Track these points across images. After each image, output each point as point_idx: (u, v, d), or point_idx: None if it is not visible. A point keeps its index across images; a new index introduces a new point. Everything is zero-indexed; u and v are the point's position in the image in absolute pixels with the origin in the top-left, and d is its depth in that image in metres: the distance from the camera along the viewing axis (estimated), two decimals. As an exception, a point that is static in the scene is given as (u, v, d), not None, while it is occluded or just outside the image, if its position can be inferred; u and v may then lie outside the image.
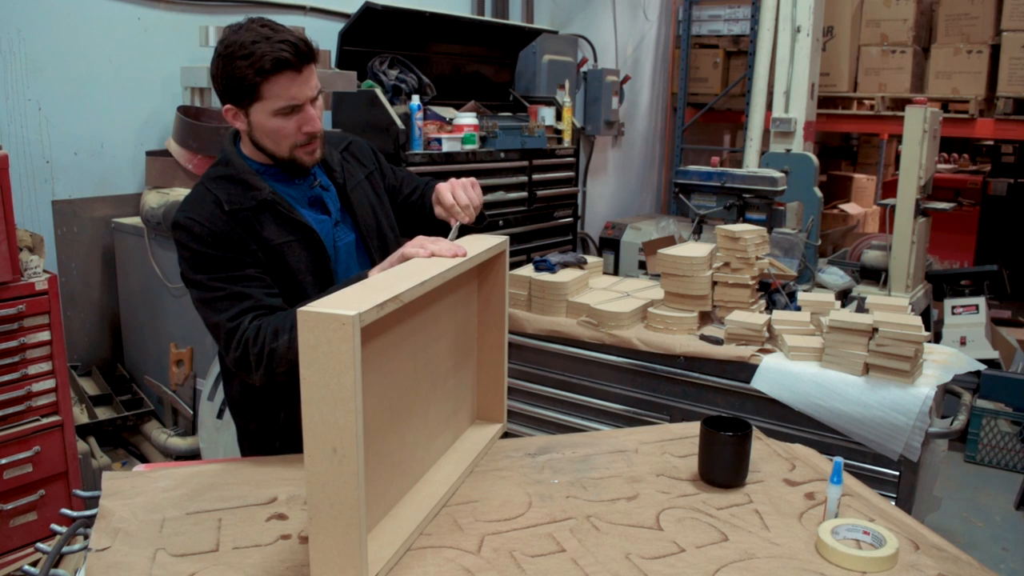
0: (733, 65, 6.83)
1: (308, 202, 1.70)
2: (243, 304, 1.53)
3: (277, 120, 1.55)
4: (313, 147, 1.63)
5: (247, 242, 1.57)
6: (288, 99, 1.53)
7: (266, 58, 1.48)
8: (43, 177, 3.22)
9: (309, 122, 1.57)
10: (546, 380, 2.85)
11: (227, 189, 1.59)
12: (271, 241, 1.59)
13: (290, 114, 1.56)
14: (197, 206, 1.58)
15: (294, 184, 1.69)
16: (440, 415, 1.53)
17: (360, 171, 1.83)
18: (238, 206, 1.57)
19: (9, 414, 2.57)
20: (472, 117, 3.95)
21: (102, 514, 1.36)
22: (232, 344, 1.51)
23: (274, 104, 1.54)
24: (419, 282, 1.23)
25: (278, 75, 1.50)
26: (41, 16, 3.13)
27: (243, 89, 1.52)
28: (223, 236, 1.55)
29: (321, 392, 1.07)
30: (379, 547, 1.23)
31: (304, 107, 1.56)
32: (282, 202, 1.62)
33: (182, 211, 1.58)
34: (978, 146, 9.54)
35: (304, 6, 3.99)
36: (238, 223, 1.57)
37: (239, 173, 1.61)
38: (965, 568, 1.26)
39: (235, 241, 1.56)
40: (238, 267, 1.55)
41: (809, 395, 2.30)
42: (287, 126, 1.56)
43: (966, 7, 5.66)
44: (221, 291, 1.53)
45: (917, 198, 4.24)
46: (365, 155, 1.88)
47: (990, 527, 3.48)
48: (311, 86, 1.56)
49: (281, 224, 1.61)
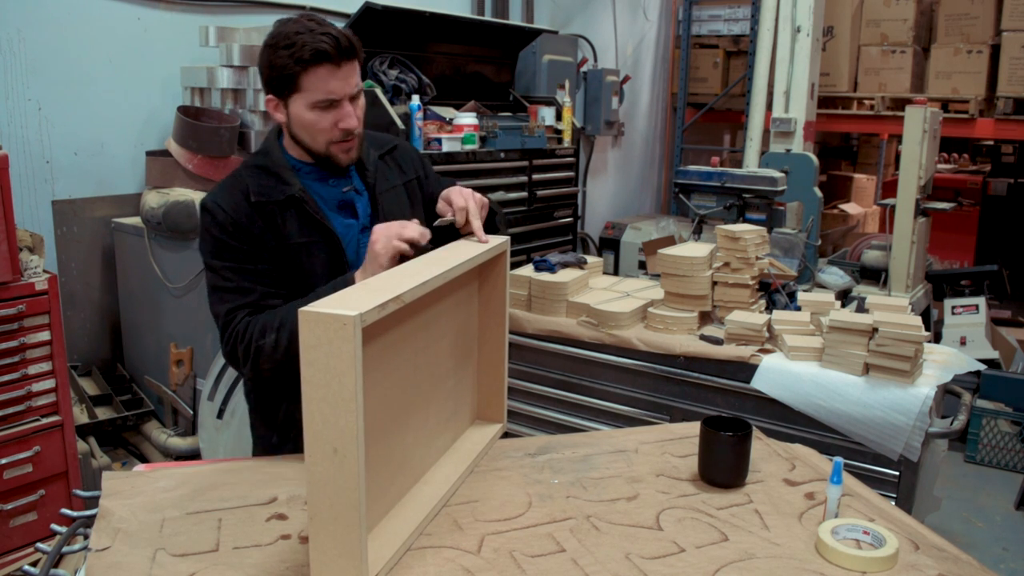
0: (733, 65, 6.83)
1: (338, 205, 1.70)
2: (245, 299, 1.56)
3: (314, 113, 1.56)
4: (349, 145, 1.63)
5: (266, 236, 1.58)
6: (326, 92, 1.54)
7: (306, 48, 1.49)
8: (43, 177, 3.22)
9: (346, 118, 1.57)
10: (546, 380, 2.85)
11: (259, 180, 1.61)
12: (291, 239, 1.60)
13: (327, 108, 1.56)
14: (226, 192, 1.60)
15: (328, 184, 1.69)
16: (440, 415, 1.53)
17: (398, 177, 1.79)
18: (265, 199, 1.59)
19: (9, 414, 2.57)
20: (472, 117, 3.95)
21: (102, 514, 1.36)
22: (225, 336, 1.56)
23: (312, 96, 1.54)
24: (420, 282, 1.23)
25: (317, 67, 1.51)
26: (41, 16, 3.13)
27: (283, 79, 1.54)
28: (243, 227, 1.57)
29: (322, 392, 1.07)
30: (379, 547, 1.23)
31: (342, 103, 1.57)
32: (309, 201, 1.62)
33: (211, 194, 1.62)
34: (978, 146, 9.54)
35: (304, 6, 3.99)
36: (262, 216, 1.58)
37: (274, 166, 1.63)
38: (965, 568, 1.26)
39: (254, 234, 1.58)
40: (251, 260, 1.58)
41: (809, 395, 2.30)
42: (324, 120, 1.57)
43: (966, 7, 5.66)
44: (229, 282, 1.57)
45: (917, 198, 4.24)
46: (410, 162, 1.84)
47: (990, 527, 3.48)
48: (350, 83, 1.56)
49: (305, 223, 1.62)
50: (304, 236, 1.61)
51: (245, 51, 3.26)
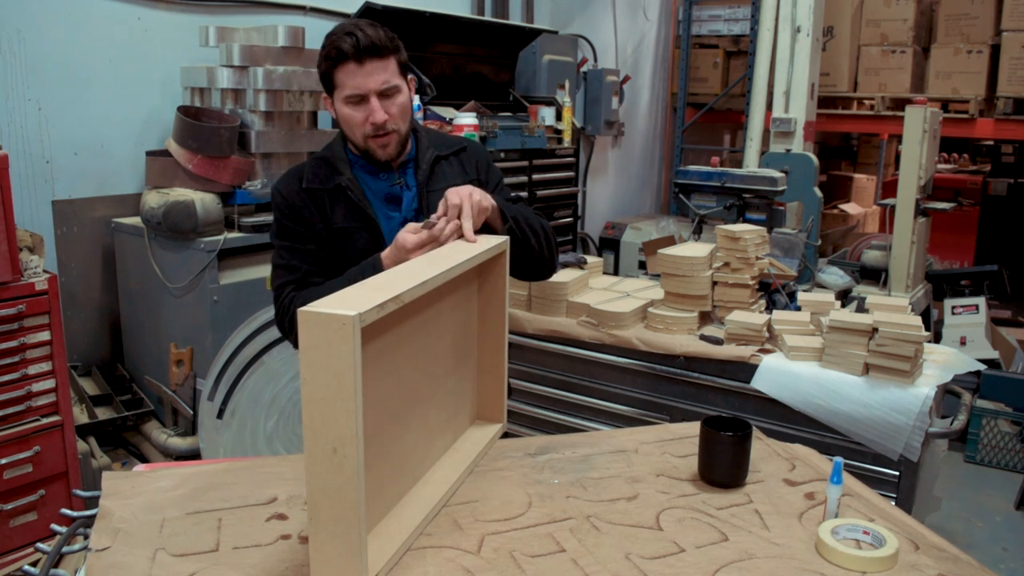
0: (733, 65, 6.83)
1: (385, 197, 1.79)
2: (292, 276, 1.74)
3: (348, 108, 1.68)
4: (384, 141, 1.71)
5: (315, 220, 1.74)
6: (352, 88, 1.65)
7: (332, 48, 1.63)
8: (43, 177, 3.22)
9: (372, 113, 1.66)
10: (546, 380, 2.85)
11: (316, 169, 1.77)
12: (336, 223, 1.74)
13: (358, 104, 1.67)
14: (287, 178, 1.79)
15: (378, 178, 1.79)
16: (440, 415, 1.53)
17: (459, 178, 1.83)
18: (316, 186, 1.74)
19: (9, 414, 2.57)
20: (472, 117, 3.95)
21: (102, 514, 1.36)
22: (276, 309, 1.75)
23: (343, 92, 1.66)
24: (420, 282, 1.23)
25: (342, 65, 1.63)
26: (41, 16, 3.13)
27: (323, 78, 1.70)
28: (296, 210, 1.74)
29: (321, 392, 1.07)
30: (379, 547, 1.23)
31: (369, 99, 1.66)
32: (355, 190, 1.74)
33: (278, 180, 1.81)
34: (978, 146, 9.53)
35: (304, 6, 3.98)
36: (312, 200, 1.74)
37: (332, 157, 1.78)
38: (965, 568, 1.26)
39: (304, 217, 1.74)
40: (301, 241, 1.74)
41: (809, 395, 2.31)
42: (356, 115, 1.68)
43: (966, 7, 5.66)
44: (282, 259, 1.76)
45: (917, 198, 4.24)
46: (473, 164, 1.88)
47: (990, 527, 3.48)
48: (376, 80, 1.64)
49: (350, 210, 1.75)
50: (348, 221, 1.74)
51: (245, 51, 3.25)
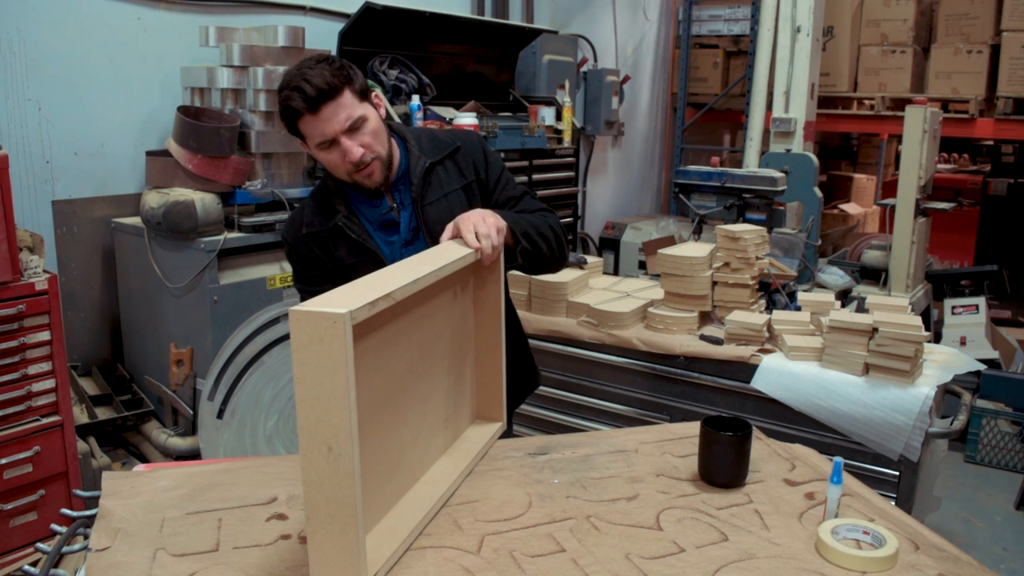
0: (733, 65, 6.83)
1: (381, 224, 1.77)
2: None
3: (323, 154, 1.64)
4: (368, 171, 1.67)
5: (323, 261, 1.75)
6: (319, 136, 1.60)
7: (283, 107, 1.59)
8: (43, 177, 3.22)
9: (347, 152, 1.61)
10: (546, 380, 2.85)
11: (314, 210, 1.76)
12: (343, 261, 1.74)
13: (330, 147, 1.62)
14: (290, 225, 1.81)
15: (372, 205, 1.77)
16: (439, 414, 1.53)
17: (456, 181, 1.79)
18: (315, 229, 1.74)
19: (9, 414, 2.56)
20: (472, 117, 3.95)
21: (102, 514, 1.36)
22: None
23: (312, 141, 1.63)
24: (411, 280, 1.23)
25: (299, 120, 1.59)
26: (41, 16, 3.13)
27: (289, 132, 1.66)
28: (303, 255, 1.77)
29: (315, 391, 1.07)
30: (378, 547, 1.22)
31: (338, 140, 1.60)
32: (354, 226, 1.73)
33: (284, 225, 1.84)
34: (978, 146, 9.53)
35: (304, 6, 3.98)
36: (316, 243, 1.75)
37: (327, 192, 1.76)
38: (965, 568, 1.26)
39: (312, 260, 1.76)
40: (317, 283, 1.73)
41: (809, 395, 2.30)
42: (332, 158, 1.64)
43: (966, 7, 5.66)
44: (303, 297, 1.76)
45: (917, 198, 4.24)
46: (471, 163, 1.82)
47: (990, 527, 3.48)
48: (338, 122, 1.58)
49: (351, 246, 1.74)
50: (352, 257, 1.74)
51: (245, 51, 3.25)
